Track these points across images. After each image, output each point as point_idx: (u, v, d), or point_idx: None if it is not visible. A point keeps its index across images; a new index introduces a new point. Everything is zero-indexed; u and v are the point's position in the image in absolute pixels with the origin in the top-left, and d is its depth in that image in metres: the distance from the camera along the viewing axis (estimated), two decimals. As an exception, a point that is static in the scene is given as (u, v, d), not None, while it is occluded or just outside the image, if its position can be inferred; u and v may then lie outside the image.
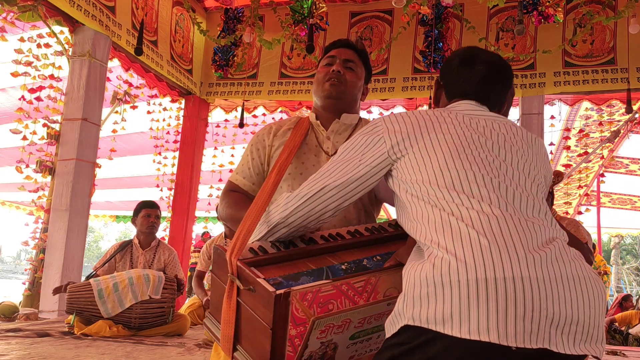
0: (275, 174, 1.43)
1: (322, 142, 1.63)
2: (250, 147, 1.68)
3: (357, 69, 1.66)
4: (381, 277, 1.17)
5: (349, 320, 1.09)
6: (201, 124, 6.22)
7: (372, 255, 1.28)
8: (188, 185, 6.00)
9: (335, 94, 1.61)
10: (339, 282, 1.11)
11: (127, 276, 3.40)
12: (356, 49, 1.70)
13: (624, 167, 7.75)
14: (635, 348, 4.77)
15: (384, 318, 1.13)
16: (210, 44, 6.01)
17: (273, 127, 1.69)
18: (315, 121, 1.66)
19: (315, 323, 1.03)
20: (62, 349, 2.67)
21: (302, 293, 1.05)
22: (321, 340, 1.07)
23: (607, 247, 21.51)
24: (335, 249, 1.28)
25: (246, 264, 1.16)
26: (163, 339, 3.31)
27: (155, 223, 3.96)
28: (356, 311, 1.08)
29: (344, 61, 1.64)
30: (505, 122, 1.23)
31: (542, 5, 4.54)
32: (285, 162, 1.49)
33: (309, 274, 1.16)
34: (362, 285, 1.13)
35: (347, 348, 1.14)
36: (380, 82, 5.62)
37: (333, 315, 1.05)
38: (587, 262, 1.04)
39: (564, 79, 5.18)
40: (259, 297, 1.08)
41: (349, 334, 1.11)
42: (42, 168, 4.35)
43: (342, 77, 1.61)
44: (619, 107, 5.63)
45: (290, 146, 1.55)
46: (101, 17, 4.56)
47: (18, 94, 4.61)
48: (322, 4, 4.98)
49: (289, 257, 1.22)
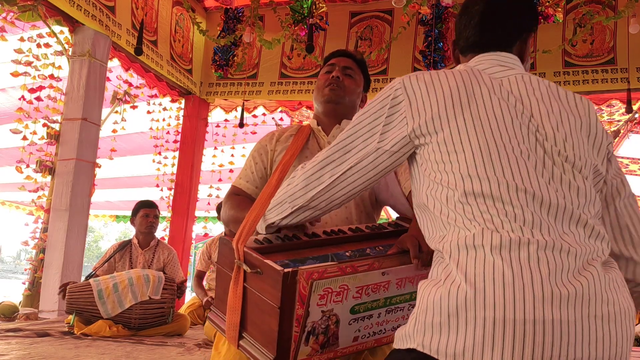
0: (279, 171, 1.46)
1: (323, 146, 1.66)
2: (253, 153, 1.72)
3: (356, 76, 1.73)
4: (384, 263, 1.19)
5: (346, 287, 1.11)
6: (201, 123, 6.22)
7: (375, 245, 1.31)
8: (188, 185, 6.00)
9: (334, 98, 1.67)
10: (344, 265, 1.13)
11: (127, 276, 3.40)
12: (355, 58, 1.77)
13: (624, 167, 7.75)
14: (635, 348, 4.77)
15: (380, 290, 1.17)
16: (210, 43, 6.01)
17: (275, 133, 1.74)
18: (317, 127, 1.71)
19: (313, 285, 1.06)
20: (62, 349, 2.67)
21: (309, 272, 1.07)
22: (322, 308, 1.09)
23: (607, 247, 21.54)
24: (338, 241, 1.32)
25: (253, 249, 1.19)
26: (163, 339, 3.31)
27: (154, 223, 3.95)
28: (352, 276, 1.11)
29: (343, 68, 1.71)
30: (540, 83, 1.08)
31: (542, 5, 4.54)
32: (289, 161, 1.53)
33: (315, 259, 1.19)
34: (365, 269, 1.15)
35: (349, 325, 1.16)
36: (380, 82, 5.62)
37: (330, 278, 1.08)
38: None
39: (564, 78, 5.18)
40: (267, 278, 1.11)
41: (348, 305, 1.14)
42: (42, 168, 4.34)
43: (341, 82, 1.68)
44: (619, 107, 5.63)
45: (292, 149, 1.59)
46: (101, 17, 4.56)
47: (18, 94, 4.61)
48: (322, 4, 4.99)
49: (293, 247, 1.25)
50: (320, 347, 1.14)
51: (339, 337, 1.16)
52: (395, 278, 1.20)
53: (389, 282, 1.19)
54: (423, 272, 1.22)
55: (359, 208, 1.60)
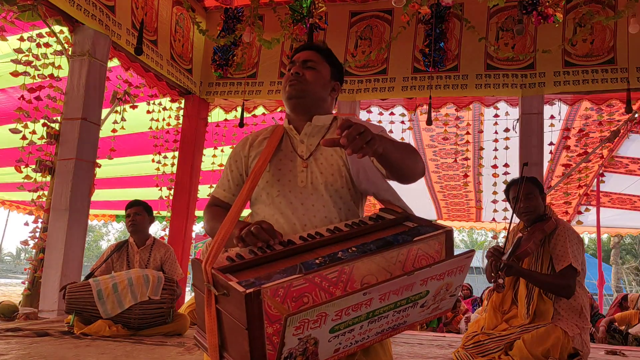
0: (250, 181, 1.49)
1: (296, 146, 1.64)
2: (228, 161, 1.73)
3: (319, 66, 1.66)
4: (355, 265, 1.17)
5: (324, 314, 1.08)
6: (201, 123, 6.22)
7: (347, 248, 1.27)
8: (188, 185, 6.00)
9: (294, 93, 1.62)
10: (311, 275, 1.11)
11: (127, 277, 3.40)
12: (318, 49, 1.70)
13: (624, 167, 7.74)
14: (635, 348, 4.77)
15: (362, 308, 1.13)
16: (210, 43, 6.01)
17: (249, 138, 1.72)
18: (288, 126, 1.68)
19: (287, 320, 1.02)
20: (62, 349, 2.67)
21: (273, 290, 1.06)
22: (298, 336, 1.07)
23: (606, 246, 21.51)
24: (313, 246, 1.30)
25: (220, 271, 1.17)
26: (162, 339, 3.31)
27: (134, 220, 3.87)
28: (330, 304, 1.07)
29: (302, 62, 1.65)
30: None
31: (542, 5, 4.54)
32: (260, 169, 1.52)
33: (282, 272, 1.16)
34: (336, 276, 1.14)
35: (329, 342, 1.14)
36: (380, 82, 5.62)
37: (306, 311, 1.05)
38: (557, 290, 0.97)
39: (564, 78, 5.18)
40: (233, 299, 1.09)
41: (327, 327, 1.10)
42: (42, 168, 4.34)
43: (301, 77, 1.62)
44: (619, 107, 5.62)
45: (264, 154, 1.57)
46: (101, 17, 4.56)
47: (18, 93, 4.61)
48: (321, 3, 4.99)
49: (265, 260, 1.23)
50: None
51: (318, 353, 1.13)
52: (378, 295, 1.15)
53: (371, 300, 1.14)
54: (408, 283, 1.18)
55: (337, 205, 1.55)
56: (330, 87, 1.68)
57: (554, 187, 7.38)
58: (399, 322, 1.27)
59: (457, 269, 1.27)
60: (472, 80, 5.38)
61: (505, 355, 2.61)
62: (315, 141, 1.63)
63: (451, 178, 8.49)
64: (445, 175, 8.45)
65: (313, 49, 1.70)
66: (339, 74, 1.73)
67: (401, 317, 1.25)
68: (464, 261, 1.27)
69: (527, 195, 2.82)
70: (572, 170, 6.83)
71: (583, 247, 2.80)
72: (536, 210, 2.83)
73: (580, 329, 2.66)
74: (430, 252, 1.31)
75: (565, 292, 2.67)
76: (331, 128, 1.66)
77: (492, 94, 5.37)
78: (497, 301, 2.88)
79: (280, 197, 1.55)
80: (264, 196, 1.58)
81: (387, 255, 1.24)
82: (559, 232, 2.75)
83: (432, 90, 5.41)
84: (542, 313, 2.68)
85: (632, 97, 4.92)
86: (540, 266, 2.77)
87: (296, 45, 5.34)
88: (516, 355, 2.57)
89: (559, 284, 2.67)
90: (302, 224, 1.50)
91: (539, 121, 5.20)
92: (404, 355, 3.19)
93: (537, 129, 5.19)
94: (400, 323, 1.28)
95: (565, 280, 2.65)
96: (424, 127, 6.61)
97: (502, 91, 5.31)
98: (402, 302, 1.21)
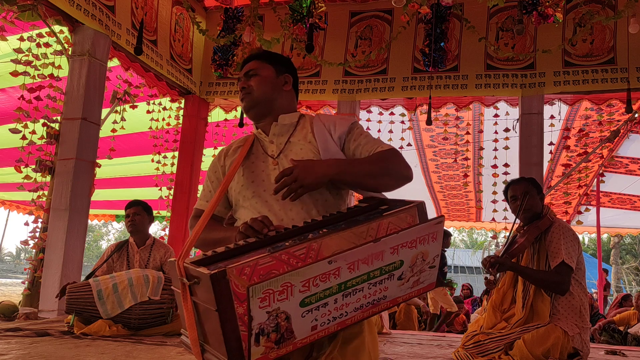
0: (220, 188, 1.56)
1: (266, 147, 1.68)
2: (207, 173, 1.79)
3: (261, 70, 1.70)
4: (323, 242, 1.16)
5: (289, 284, 1.07)
6: (201, 123, 6.22)
7: (318, 229, 1.28)
8: (188, 185, 6.00)
9: (247, 106, 1.70)
10: (277, 253, 1.11)
11: (127, 277, 3.40)
12: (255, 56, 1.76)
13: (624, 167, 7.75)
14: (634, 348, 4.77)
15: (330, 278, 1.12)
16: (210, 43, 6.01)
17: (224, 149, 1.79)
18: (257, 130, 1.74)
19: (250, 290, 1.02)
20: (62, 349, 2.67)
21: (239, 269, 1.06)
22: (266, 309, 1.06)
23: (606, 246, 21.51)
24: (286, 236, 1.31)
25: (191, 262, 1.20)
26: (162, 339, 3.31)
27: (134, 220, 3.89)
28: (294, 272, 1.07)
29: (245, 75, 1.71)
30: None
31: (542, 5, 4.54)
32: (230, 175, 1.59)
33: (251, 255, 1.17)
34: (304, 252, 1.13)
35: (302, 317, 1.13)
36: (380, 82, 5.62)
37: (269, 280, 1.04)
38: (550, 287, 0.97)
39: (564, 78, 5.18)
40: (203, 285, 1.10)
41: (296, 300, 1.10)
42: (42, 167, 4.34)
43: (247, 89, 1.69)
44: (619, 107, 5.63)
45: (235, 162, 1.63)
46: (101, 17, 4.56)
47: (18, 93, 4.61)
48: (321, 3, 4.99)
49: (238, 252, 1.25)
50: (276, 344, 1.11)
51: (293, 330, 1.12)
52: (346, 263, 1.14)
53: (339, 269, 1.13)
54: (376, 252, 1.17)
55: (314, 198, 1.56)
56: (280, 83, 1.71)
57: (554, 187, 7.38)
58: (378, 296, 1.24)
59: (430, 236, 1.25)
60: (472, 80, 5.38)
61: (505, 355, 2.62)
62: (283, 139, 1.67)
63: (451, 178, 8.49)
64: (445, 175, 8.45)
65: (252, 59, 1.75)
66: (286, 67, 1.75)
67: (379, 290, 1.23)
68: (434, 227, 1.26)
69: (524, 194, 2.85)
70: (572, 170, 6.83)
71: (579, 244, 2.80)
72: (532, 209, 2.85)
73: (580, 328, 2.66)
74: (402, 224, 1.29)
75: (559, 289, 2.67)
76: (299, 125, 1.70)
77: (492, 94, 5.37)
78: (497, 300, 2.89)
79: (255, 198, 1.58)
80: (241, 200, 1.62)
81: (356, 231, 1.23)
82: (553, 229, 2.77)
83: (432, 90, 5.41)
84: (539, 311, 2.69)
85: (632, 97, 4.92)
86: (537, 263, 2.78)
87: (296, 45, 5.34)
88: (516, 355, 2.57)
89: (551, 281, 2.67)
90: (279, 219, 1.52)
91: (539, 121, 5.20)
92: (404, 355, 3.19)
93: (537, 129, 5.19)
94: (380, 298, 1.25)
95: (558, 277, 2.66)
96: (424, 127, 6.62)
97: (502, 91, 5.31)
98: (375, 272, 1.19)
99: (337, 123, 1.66)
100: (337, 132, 1.63)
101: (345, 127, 1.64)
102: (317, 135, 1.63)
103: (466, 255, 26.18)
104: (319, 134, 1.63)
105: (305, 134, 1.66)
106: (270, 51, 1.81)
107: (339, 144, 1.62)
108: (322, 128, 1.65)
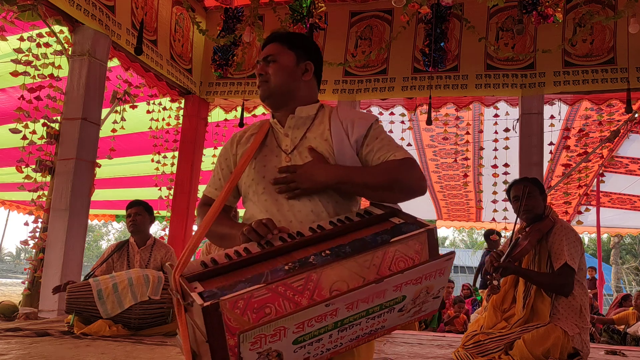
0: (230, 182, 1.49)
1: (280, 140, 1.58)
2: (218, 159, 1.69)
3: (280, 57, 1.58)
4: (324, 272, 1.11)
5: (283, 328, 1.04)
6: (201, 123, 6.22)
7: (321, 251, 1.20)
8: (188, 185, 6.00)
9: (263, 95, 1.60)
10: (274, 285, 1.07)
11: (127, 276, 3.40)
12: (277, 38, 1.63)
13: (624, 167, 7.75)
14: (634, 348, 4.77)
15: (327, 318, 1.07)
16: (210, 43, 6.01)
17: (237, 135, 1.68)
18: (273, 120, 1.63)
19: (241, 337, 1.00)
20: (62, 349, 2.67)
21: (232, 302, 1.03)
22: (257, 351, 1.04)
23: (606, 246, 21.51)
24: (290, 248, 1.25)
25: (186, 279, 1.15)
26: (162, 339, 3.31)
27: (135, 220, 3.88)
28: (289, 318, 1.03)
29: (263, 60, 1.60)
30: None
31: (542, 5, 4.54)
32: (241, 168, 1.51)
33: (247, 281, 1.12)
34: (302, 284, 1.09)
35: (295, 352, 1.10)
36: (380, 82, 5.62)
37: (260, 327, 1.01)
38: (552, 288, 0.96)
39: (564, 78, 5.18)
40: (196, 310, 1.07)
41: (289, 340, 1.07)
42: (42, 167, 4.34)
43: (265, 76, 1.58)
44: (619, 107, 5.63)
45: (248, 151, 1.54)
46: (101, 17, 4.56)
47: (18, 93, 4.61)
48: (321, 3, 4.99)
49: (238, 266, 1.19)
50: None
51: None
52: (344, 304, 1.08)
53: (337, 310, 1.08)
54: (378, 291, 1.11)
55: (324, 199, 1.48)
56: (300, 71, 1.59)
57: (554, 187, 7.38)
58: (376, 327, 1.21)
59: (437, 272, 1.19)
60: (472, 80, 5.38)
61: (506, 355, 2.62)
62: (299, 134, 1.57)
63: (451, 178, 8.49)
64: (445, 175, 8.45)
65: (273, 41, 1.62)
66: (308, 53, 1.63)
67: (377, 322, 1.20)
68: (444, 264, 1.19)
69: (528, 195, 2.84)
70: (572, 170, 6.83)
71: (581, 245, 2.80)
72: (534, 210, 2.84)
73: (580, 328, 2.66)
74: (410, 253, 1.21)
75: (563, 291, 2.68)
76: (317, 119, 1.59)
77: (492, 94, 5.37)
78: (497, 300, 2.89)
79: (265, 195, 1.51)
80: (250, 194, 1.55)
81: (360, 260, 1.16)
82: (555, 231, 2.76)
83: (432, 90, 5.41)
84: (539, 311, 2.69)
85: (632, 97, 4.92)
86: (539, 265, 2.78)
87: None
88: (516, 355, 2.57)
89: (555, 283, 2.67)
90: (288, 221, 1.46)
91: (539, 121, 5.20)
92: (404, 355, 3.19)
93: (537, 129, 5.19)
94: (378, 328, 1.23)
95: (561, 278, 2.66)
96: (424, 127, 6.62)
97: (502, 91, 5.32)
98: (374, 309, 1.15)
99: (356, 124, 1.53)
100: (355, 135, 1.52)
101: (363, 129, 1.52)
102: (333, 134, 1.53)
103: (466, 255, 26.18)
104: (336, 134, 1.52)
105: (323, 130, 1.55)
106: (295, 33, 1.68)
107: (355, 148, 1.51)
108: (339, 127, 1.54)
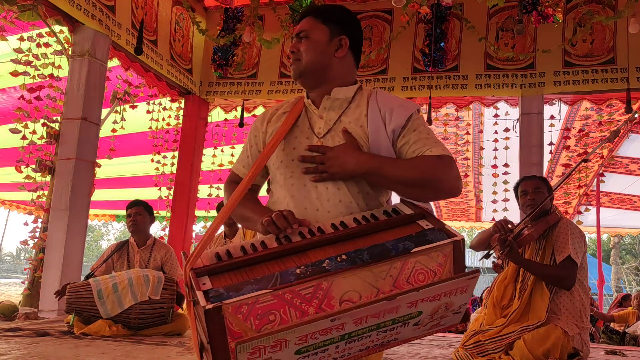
0: (255, 166, 1.42)
1: (314, 123, 1.50)
2: (249, 135, 1.63)
3: (312, 32, 1.50)
4: (335, 281, 1.06)
5: (283, 340, 1.00)
6: (201, 123, 6.22)
7: (338, 255, 1.13)
8: (188, 185, 6.00)
9: (295, 74, 1.53)
10: (281, 291, 1.02)
11: (127, 276, 3.40)
12: (311, 12, 1.54)
13: (624, 167, 7.75)
14: (634, 348, 4.77)
15: (333, 332, 1.03)
16: (210, 43, 6.01)
17: (269, 112, 1.60)
18: (307, 100, 1.55)
19: (238, 347, 0.97)
20: (62, 349, 2.67)
21: (235, 306, 1.00)
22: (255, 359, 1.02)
23: (606, 246, 21.52)
24: (307, 247, 1.19)
25: (196, 274, 1.12)
26: (163, 339, 3.31)
27: (135, 220, 3.88)
28: (289, 331, 0.99)
29: (296, 36, 1.53)
30: None
31: (542, 5, 4.54)
32: (269, 152, 1.43)
33: (256, 282, 1.07)
34: (310, 292, 1.04)
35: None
36: (380, 82, 5.62)
37: (259, 338, 0.98)
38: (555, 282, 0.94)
39: (564, 78, 5.18)
40: (200, 309, 1.05)
41: (291, 350, 1.03)
42: (42, 167, 4.34)
43: (297, 54, 1.51)
44: (619, 107, 5.63)
45: (278, 134, 1.46)
46: (101, 17, 4.56)
47: (18, 93, 4.61)
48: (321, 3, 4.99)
49: (251, 262, 1.16)
50: None
51: None
52: (352, 319, 1.03)
53: (343, 324, 1.03)
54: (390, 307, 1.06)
55: (354, 189, 1.41)
56: (333, 47, 1.49)
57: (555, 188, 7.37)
58: (388, 339, 1.17)
59: (458, 290, 1.12)
60: (472, 80, 5.38)
61: (506, 355, 2.61)
62: (334, 117, 1.47)
63: (451, 178, 8.46)
64: (445, 175, 8.43)
65: (307, 15, 1.54)
66: (343, 26, 1.51)
67: (390, 335, 1.15)
68: (466, 282, 1.12)
69: (535, 190, 2.88)
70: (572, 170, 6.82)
71: (585, 244, 2.81)
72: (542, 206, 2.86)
73: (580, 328, 2.66)
74: (431, 265, 1.13)
75: (564, 283, 2.67)
76: (353, 102, 1.49)
77: (492, 94, 5.37)
78: (497, 296, 2.89)
79: (293, 179, 1.43)
80: (278, 177, 1.48)
81: (376, 270, 1.10)
82: (561, 225, 2.78)
83: (432, 90, 5.41)
84: (536, 306, 2.69)
85: (632, 97, 4.92)
86: (542, 258, 2.79)
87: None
88: (516, 355, 2.57)
89: (557, 275, 2.67)
90: (315, 208, 1.39)
91: (539, 121, 5.20)
92: (404, 355, 3.19)
93: (537, 129, 5.19)
94: (390, 340, 1.18)
95: (563, 271, 2.66)
96: (424, 127, 6.60)
97: (502, 91, 5.32)
98: (386, 323, 1.10)
99: (395, 112, 1.42)
100: (392, 125, 1.41)
101: (402, 119, 1.41)
102: (370, 121, 1.43)
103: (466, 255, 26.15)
104: (372, 121, 1.43)
105: (359, 115, 1.45)
106: (331, 5, 1.57)
107: (391, 139, 1.42)
108: (376, 114, 1.43)
